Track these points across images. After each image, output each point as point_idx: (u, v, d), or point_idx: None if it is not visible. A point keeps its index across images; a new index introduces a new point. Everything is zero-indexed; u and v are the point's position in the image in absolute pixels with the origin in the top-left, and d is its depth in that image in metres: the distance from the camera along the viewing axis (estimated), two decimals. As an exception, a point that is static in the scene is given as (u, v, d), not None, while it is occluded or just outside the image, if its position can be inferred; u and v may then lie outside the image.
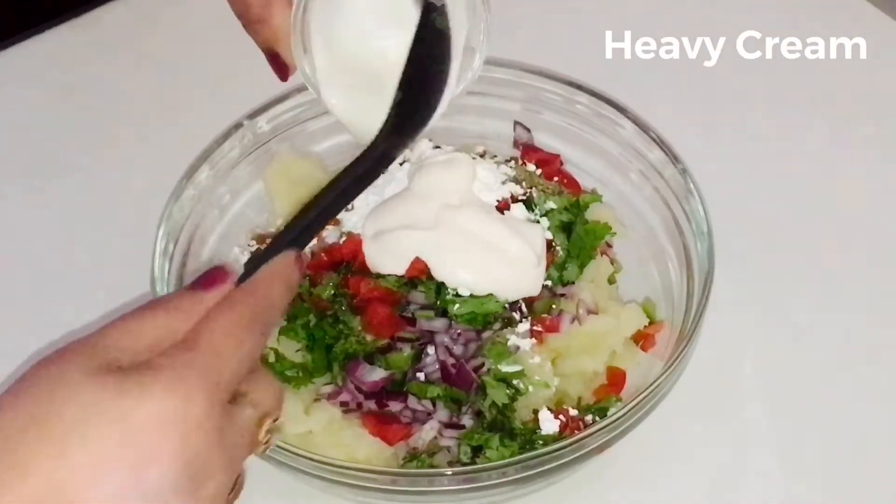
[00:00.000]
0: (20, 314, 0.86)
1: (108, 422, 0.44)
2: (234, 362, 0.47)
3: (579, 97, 0.84)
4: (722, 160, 0.92)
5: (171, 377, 0.45)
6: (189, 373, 0.46)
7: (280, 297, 0.52)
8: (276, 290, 0.52)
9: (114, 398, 0.44)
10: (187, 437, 0.44)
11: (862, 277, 0.87)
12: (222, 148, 0.82)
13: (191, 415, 0.45)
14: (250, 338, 0.49)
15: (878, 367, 0.82)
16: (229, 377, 0.47)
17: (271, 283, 0.52)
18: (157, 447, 0.44)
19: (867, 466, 0.77)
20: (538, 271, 0.75)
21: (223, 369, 0.47)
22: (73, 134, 0.97)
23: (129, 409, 0.44)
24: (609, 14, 1.06)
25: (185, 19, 1.06)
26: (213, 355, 0.47)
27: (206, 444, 0.45)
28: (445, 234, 0.75)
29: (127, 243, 0.84)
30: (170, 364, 0.46)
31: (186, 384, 0.45)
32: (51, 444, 0.43)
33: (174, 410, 0.44)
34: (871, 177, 0.94)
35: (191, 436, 0.44)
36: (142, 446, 0.44)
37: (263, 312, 0.50)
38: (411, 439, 0.71)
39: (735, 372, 0.81)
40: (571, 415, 0.73)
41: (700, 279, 0.74)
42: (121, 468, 0.43)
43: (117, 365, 0.46)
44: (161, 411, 0.44)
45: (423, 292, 0.74)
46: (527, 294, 0.75)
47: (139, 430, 0.44)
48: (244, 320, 0.49)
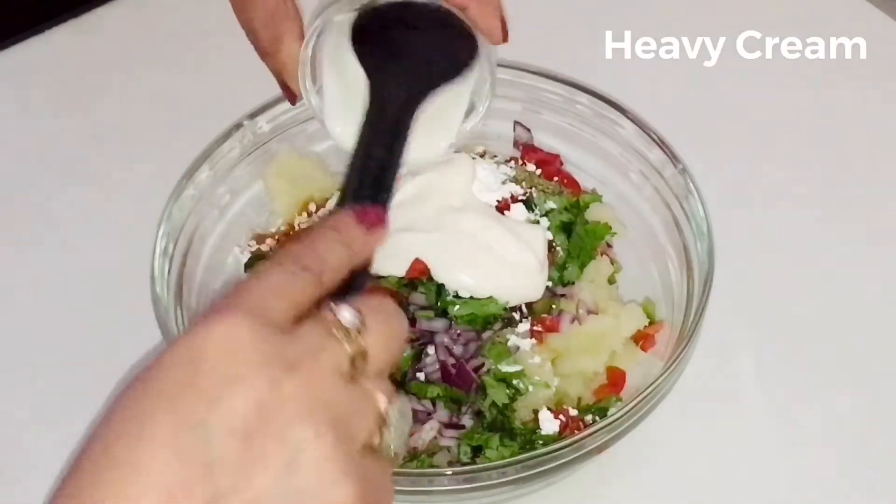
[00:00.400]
0: (20, 314, 0.86)
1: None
2: (260, 287, 0.46)
3: (579, 97, 0.84)
4: (722, 160, 0.92)
5: (214, 319, 0.44)
6: (208, 312, 0.45)
7: (325, 243, 0.50)
8: (320, 237, 0.50)
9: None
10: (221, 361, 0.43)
11: (862, 277, 0.87)
12: (222, 148, 0.82)
13: (212, 339, 0.43)
14: (278, 269, 0.47)
15: (879, 367, 0.82)
16: (254, 300, 0.45)
17: (315, 232, 0.51)
18: (223, 387, 0.42)
19: (867, 466, 0.77)
20: (541, 277, 0.75)
21: (245, 294, 0.45)
22: (73, 134, 0.97)
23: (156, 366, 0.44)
24: (609, 14, 1.06)
25: (186, 19, 1.06)
26: (236, 290, 0.46)
27: (240, 359, 0.43)
28: (447, 236, 0.75)
29: (127, 243, 0.84)
30: (217, 307, 0.45)
31: (205, 318, 0.44)
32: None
33: (199, 344, 0.43)
34: (872, 177, 0.94)
35: (222, 357, 0.43)
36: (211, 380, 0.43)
37: (299, 253, 0.48)
38: (411, 439, 0.71)
39: (735, 372, 0.81)
40: (571, 415, 0.73)
41: (700, 279, 0.74)
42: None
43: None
44: (185, 347, 0.43)
45: (423, 293, 0.74)
46: (529, 299, 0.75)
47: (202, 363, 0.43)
48: (274, 260, 0.48)
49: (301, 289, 0.47)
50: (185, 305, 0.76)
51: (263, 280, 0.47)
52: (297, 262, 0.48)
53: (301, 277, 0.47)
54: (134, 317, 0.77)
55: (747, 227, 0.88)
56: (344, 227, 0.51)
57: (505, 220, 0.78)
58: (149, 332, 0.72)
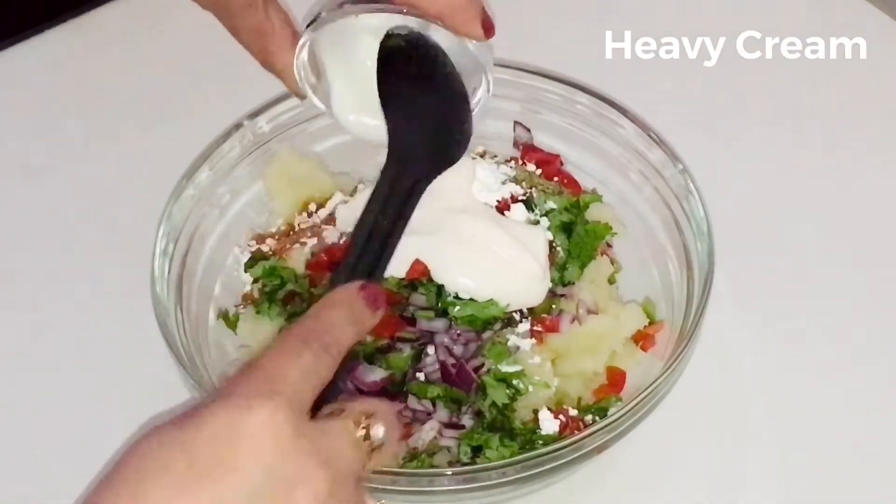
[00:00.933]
0: (20, 314, 0.86)
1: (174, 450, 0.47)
2: (295, 372, 0.50)
3: (579, 97, 0.84)
4: (722, 160, 0.92)
5: (231, 396, 0.48)
6: (246, 389, 0.48)
7: (340, 322, 0.54)
8: (336, 315, 0.54)
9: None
10: (260, 444, 0.46)
11: (862, 277, 0.87)
12: (222, 148, 0.82)
13: (254, 423, 0.47)
14: (308, 351, 0.51)
15: (879, 367, 0.82)
16: (291, 387, 0.49)
17: (331, 308, 0.55)
18: (229, 459, 0.46)
19: (867, 466, 0.77)
20: (542, 284, 0.75)
21: (282, 379, 0.49)
22: (73, 134, 0.97)
23: (193, 431, 0.47)
24: (609, 14, 1.06)
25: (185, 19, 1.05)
26: (272, 370, 0.49)
27: (281, 449, 0.47)
28: (447, 238, 0.75)
29: (127, 243, 0.84)
30: (231, 386, 0.49)
31: (247, 399, 0.47)
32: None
33: (238, 423, 0.47)
34: (872, 177, 0.94)
35: (263, 442, 0.46)
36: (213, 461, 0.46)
37: (321, 331, 0.53)
38: (411, 439, 0.71)
39: (735, 372, 0.81)
40: (571, 415, 0.73)
41: (700, 279, 0.74)
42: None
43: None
44: (225, 425, 0.47)
45: (423, 294, 0.74)
46: (529, 305, 0.75)
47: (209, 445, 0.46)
48: (299, 336, 0.52)
49: (325, 373, 0.51)
50: (185, 306, 0.76)
51: (295, 362, 0.50)
52: (320, 341, 0.52)
53: (324, 360, 0.51)
54: (134, 317, 0.77)
55: (747, 227, 0.88)
56: (353, 304, 0.56)
57: (505, 222, 0.77)
58: (149, 332, 0.72)
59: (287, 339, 0.52)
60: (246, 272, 0.81)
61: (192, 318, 0.76)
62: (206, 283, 0.80)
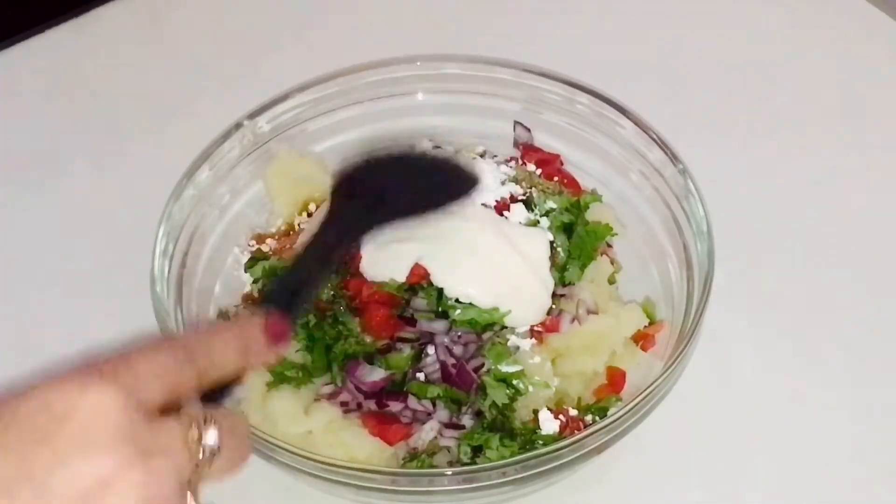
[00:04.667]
0: (20, 314, 0.86)
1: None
2: (145, 367, 0.49)
3: (579, 97, 0.84)
4: (722, 160, 0.92)
5: (73, 376, 0.47)
6: (90, 372, 0.48)
7: (223, 347, 0.53)
8: (223, 338, 0.53)
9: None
10: (82, 425, 0.46)
11: (862, 278, 0.87)
12: (222, 148, 0.82)
13: (84, 404, 0.46)
14: (168, 354, 0.50)
15: (878, 366, 0.82)
16: (135, 379, 0.48)
17: (223, 332, 0.55)
18: (44, 434, 0.45)
19: (867, 466, 0.77)
20: (545, 303, 0.75)
21: (128, 371, 0.48)
22: (73, 134, 0.98)
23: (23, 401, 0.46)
24: (609, 14, 1.06)
25: (185, 19, 1.06)
26: (122, 361, 0.49)
27: (106, 434, 0.46)
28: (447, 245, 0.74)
29: (127, 243, 0.84)
30: (81, 368, 0.48)
31: (84, 380, 0.47)
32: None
33: (67, 400, 0.46)
34: (872, 177, 0.94)
35: (87, 423, 0.46)
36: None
37: (196, 345, 0.52)
38: (411, 439, 0.71)
39: (734, 372, 0.81)
40: (571, 415, 0.73)
41: (700, 279, 0.74)
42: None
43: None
44: (57, 400, 0.46)
45: (423, 298, 0.74)
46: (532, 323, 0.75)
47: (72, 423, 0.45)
48: (169, 342, 0.52)
49: (180, 379, 0.50)
50: (185, 306, 0.76)
51: (149, 358, 0.49)
52: (188, 351, 0.51)
53: (184, 367, 0.50)
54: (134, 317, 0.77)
55: (747, 227, 0.88)
56: (248, 333, 0.55)
57: (508, 228, 0.77)
58: (149, 332, 0.72)
59: (157, 341, 0.51)
60: (246, 272, 0.81)
61: (192, 318, 0.76)
62: (206, 283, 0.80)
